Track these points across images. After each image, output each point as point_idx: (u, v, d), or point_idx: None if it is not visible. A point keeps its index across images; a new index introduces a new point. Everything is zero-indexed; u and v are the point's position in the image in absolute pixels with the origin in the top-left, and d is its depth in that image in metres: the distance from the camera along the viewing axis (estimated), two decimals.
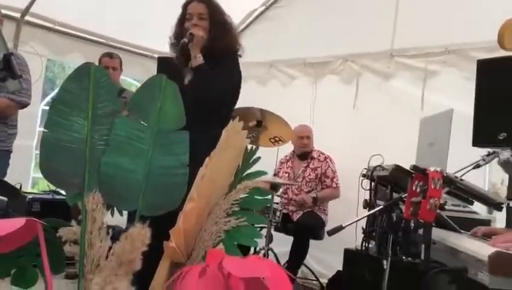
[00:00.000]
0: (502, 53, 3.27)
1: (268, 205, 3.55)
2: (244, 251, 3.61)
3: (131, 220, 1.12)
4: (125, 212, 1.21)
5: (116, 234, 1.01)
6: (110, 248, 0.95)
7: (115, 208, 1.17)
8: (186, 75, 2.28)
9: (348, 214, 3.10)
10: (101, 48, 4.28)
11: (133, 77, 5.00)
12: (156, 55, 4.41)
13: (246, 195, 1.04)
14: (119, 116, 1.12)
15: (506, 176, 2.68)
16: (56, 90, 2.90)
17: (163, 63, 3.16)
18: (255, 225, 3.51)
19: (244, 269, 0.66)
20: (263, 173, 1.10)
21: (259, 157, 1.10)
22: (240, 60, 2.42)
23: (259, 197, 1.05)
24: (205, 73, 2.18)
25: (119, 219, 1.30)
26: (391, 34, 3.95)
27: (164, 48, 2.68)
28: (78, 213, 1.04)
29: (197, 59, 2.20)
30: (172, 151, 1.16)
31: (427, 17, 3.67)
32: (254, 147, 1.12)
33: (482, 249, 1.50)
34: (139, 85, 2.73)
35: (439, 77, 3.73)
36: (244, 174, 1.08)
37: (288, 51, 4.59)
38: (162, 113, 1.17)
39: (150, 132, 1.14)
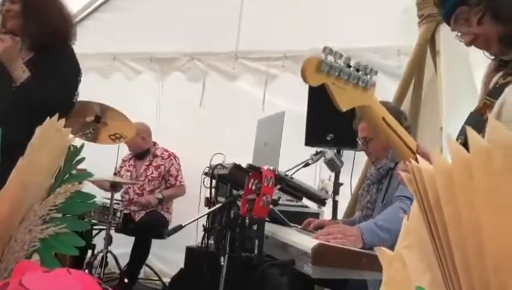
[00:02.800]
0: None
1: (108, 206, 3.38)
2: (81, 253, 3.39)
3: None
4: None
5: None
6: None
7: None
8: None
9: (192, 211, 3.12)
10: None
11: None
12: None
13: (66, 199, 0.95)
14: None
15: (333, 173, 2.98)
16: None
17: None
18: (95, 227, 3.30)
19: (47, 285, 0.60)
20: (89, 175, 1.02)
21: (83, 158, 1.02)
22: (80, 50, 2.24)
23: (82, 202, 0.97)
24: (30, 91, 1.94)
25: None
26: (236, 36, 4.08)
27: None
28: None
29: (16, 73, 1.94)
30: None
31: (268, 23, 3.88)
32: (78, 146, 1.03)
33: (307, 242, 1.62)
34: None
35: (279, 80, 3.97)
36: (65, 177, 0.99)
37: (134, 44, 4.42)
38: None
39: None
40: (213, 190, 2.60)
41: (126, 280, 3.38)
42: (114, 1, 4.65)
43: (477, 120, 1.12)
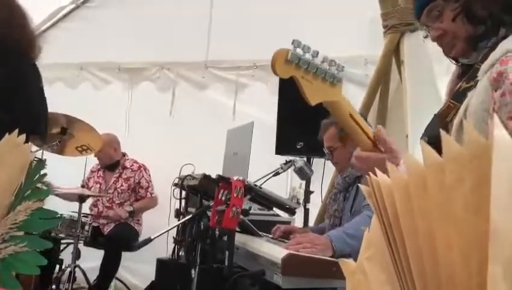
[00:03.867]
0: None
1: (75, 219, 3.31)
2: (48, 269, 3.30)
3: None
4: None
5: None
6: None
7: None
8: None
9: (161, 223, 3.08)
10: None
11: None
12: None
13: (27, 217, 0.92)
14: None
15: (304, 181, 3.00)
16: None
17: None
18: (62, 241, 3.22)
19: None
20: (48, 191, 0.99)
21: (45, 174, 0.99)
22: (46, 61, 2.19)
23: (45, 219, 0.95)
24: None
25: None
26: (206, 46, 4.08)
27: None
28: None
29: None
30: None
31: (238, 32, 3.90)
32: (40, 160, 1.01)
33: (276, 253, 1.63)
34: None
35: (249, 90, 3.99)
36: (27, 193, 0.96)
37: (101, 53, 4.36)
38: None
39: None
40: (183, 201, 2.58)
41: None
42: (80, 10, 4.59)
43: (440, 123, 1.14)
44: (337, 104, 1.07)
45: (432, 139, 1.16)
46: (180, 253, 2.54)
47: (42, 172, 1.02)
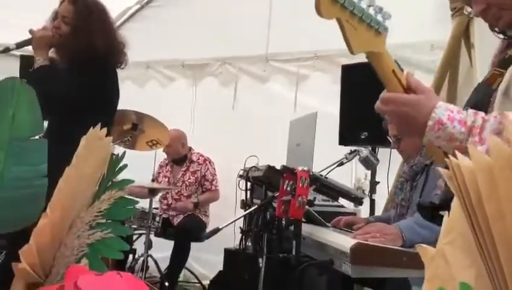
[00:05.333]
0: (362, 58, 3.61)
1: (147, 211, 3.46)
2: (122, 259, 3.48)
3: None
4: None
5: None
6: None
7: None
8: None
9: (228, 214, 3.16)
10: None
11: None
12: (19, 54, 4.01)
13: (110, 205, 0.99)
14: None
15: (369, 171, 2.95)
16: None
17: (26, 63, 2.89)
18: (135, 232, 3.38)
19: (100, 287, 0.63)
20: (129, 181, 1.05)
21: (125, 165, 1.06)
22: None
23: (125, 207, 1.01)
24: (36, 74, 2.02)
25: None
26: (266, 39, 4.10)
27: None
28: None
29: (37, 59, 2.06)
30: (28, 160, 1.07)
31: (298, 23, 3.88)
32: (120, 154, 1.07)
33: (345, 242, 1.62)
34: None
35: (309, 81, 3.96)
36: (109, 184, 1.03)
37: (165, 51, 4.51)
38: (15, 120, 1.07)
39: (0, 141, 1.04)
40: (248, 192, 2.62)
41: (167, 284, 3.44)
42: (143, 11, 4.76)
43: (485, 90, 1.08)
44: (380, 56, 0.98)
45: (475, 108, 1.09)
46: (247, 243, 2.59)
47: (122, 163, 1.09)
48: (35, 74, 2.04)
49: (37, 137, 1.12)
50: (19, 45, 2.08)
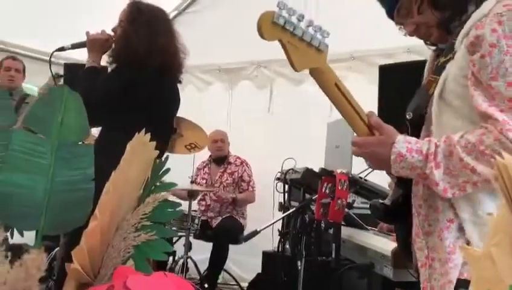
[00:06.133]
0: (399, 59, 3.55)
1: (186, 213, 3.52)
2: (163, 261, 3.56)
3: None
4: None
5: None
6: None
7: (15, 229, 1.10)
8: None
9: (266, 216, 3.17)
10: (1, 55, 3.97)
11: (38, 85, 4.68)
12: (62, 62, 4.17)
13: (155, 208, 1.02)
14: (14, 130, 1.05)
15: None
16: None
17: (70, 70, 3.01)
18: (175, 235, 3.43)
19: (149, 287, 0.65)
20: (173, 184, 1.08)
21: (168, 169, 1.08)
22: None
23: (169, 210, 1.04)
24: (82, 75, 2.08)
25: None
26: None
27: (72, 53, 2.57)
28: None
29: (88, 60, 2.13)
30: (76, 165, 1.11)
31: (335, 25, 3.85)
32: (163, 158, 1.10)
33: (385, 245, 1.60)
34: None
35: (346, 82, 3.90)
36: (153, 187, 1.06)
37: (202, 56, 4.57)
38: (63, 125, 1.11)
39: (50, 146, 1.09)
40: (286, 195, 2.63)
41: (206, 285, 3.49)
42: (180, 17, 4.85)
43: (423, 95, 1.16)
44: (321, 71, 1.05)
45: (415, 114, 1.17)
46: (285, 246, 2.59)
47: (165, 167, 1.12)
48: (81, 75, 2.11)
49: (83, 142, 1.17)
50: (74, 46, 2.14)
